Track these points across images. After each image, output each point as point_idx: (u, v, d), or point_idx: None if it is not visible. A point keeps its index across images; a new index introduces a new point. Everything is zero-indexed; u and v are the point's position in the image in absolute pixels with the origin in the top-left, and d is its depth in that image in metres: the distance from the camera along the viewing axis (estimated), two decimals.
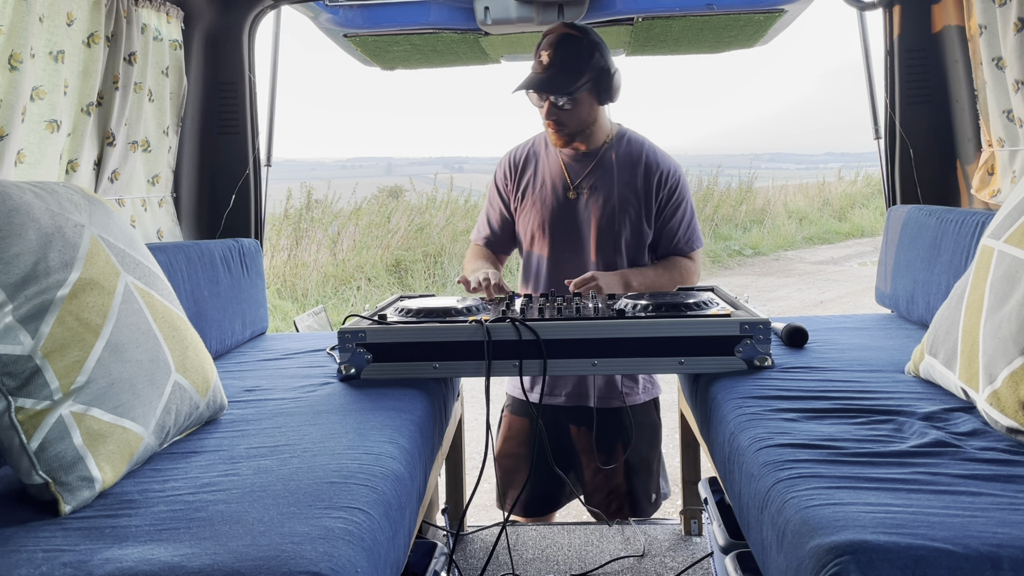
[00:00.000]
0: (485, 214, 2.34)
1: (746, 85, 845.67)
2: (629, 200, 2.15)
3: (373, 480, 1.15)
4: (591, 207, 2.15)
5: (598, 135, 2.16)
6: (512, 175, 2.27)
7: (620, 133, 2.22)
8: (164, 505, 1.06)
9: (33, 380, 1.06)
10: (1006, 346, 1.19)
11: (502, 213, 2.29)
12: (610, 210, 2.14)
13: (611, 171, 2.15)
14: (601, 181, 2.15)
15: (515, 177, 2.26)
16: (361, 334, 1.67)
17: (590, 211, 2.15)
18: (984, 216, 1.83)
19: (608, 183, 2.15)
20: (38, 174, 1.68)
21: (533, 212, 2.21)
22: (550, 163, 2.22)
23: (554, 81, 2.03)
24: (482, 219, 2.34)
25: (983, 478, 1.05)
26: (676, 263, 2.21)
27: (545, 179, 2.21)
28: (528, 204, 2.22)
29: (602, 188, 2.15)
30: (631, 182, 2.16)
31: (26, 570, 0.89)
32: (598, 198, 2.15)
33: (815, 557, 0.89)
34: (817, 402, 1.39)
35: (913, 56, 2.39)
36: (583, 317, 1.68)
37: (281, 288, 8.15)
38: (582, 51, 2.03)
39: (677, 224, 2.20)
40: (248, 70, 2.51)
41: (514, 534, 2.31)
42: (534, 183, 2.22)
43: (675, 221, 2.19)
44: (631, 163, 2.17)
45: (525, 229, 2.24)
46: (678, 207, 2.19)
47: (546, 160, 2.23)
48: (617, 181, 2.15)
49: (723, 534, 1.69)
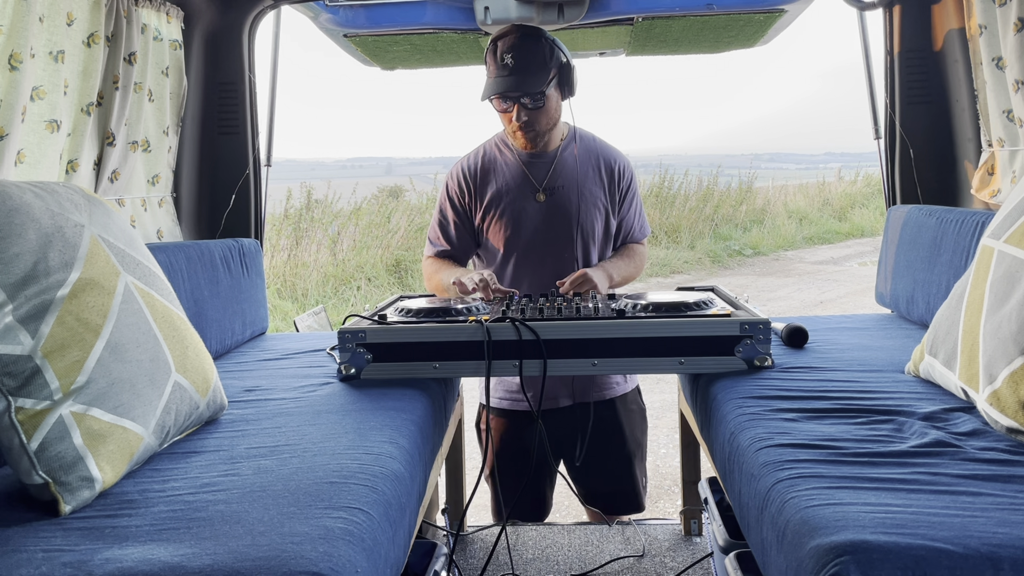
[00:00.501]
0: (437, 227, 2.26)
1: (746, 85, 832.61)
2: (596, 195, 2.19)
3: (373, 480, 1.15)
4: (562, 206, 2.15)
5: (557, 134, 2.19)
6: (470, 187, 2.21)
7: (572, 129, 2.25)
8: (164, 505, 1.06)
9: (33, 380, 1.06)
10: (1006, 346, 1.19)
11: (458, 224, 2.22)
12: (584, 206, 2.16)
13: (574, 169, 2.17)
14: (566, 180, 2.17)
15: (474, 189, 2.20)
16: (361, 334, 1.67)
17: (562, 210, 2.15)
18: (984, 216, 1.83)
19: (573, 181, 2.16)
20: (38, 174, 1.68)
21: (504, 221, 2.16)
22: (510, 169, 2.18)
23: (525, 82, 2.02)
24: (434, 232, 2.27)
25: (983, 478, 1.05)
26: (635, 250, 2.29)
27: (510, 185, 2.17)
28: (497, 214, 2.17)
29: (569, 187, 2.16)
30: (595, 177, 2.20)
31: (26, 570, 0.89)
32: (567, 197, 2.16)
33: (815, 557, 0.89)
34: (817, 402, 1.39)
35: (913, 56, 2.39)
36: (583, 317, 1.68)
37: (281, 288, 8.15)
38: (543, 48, 2.04)
39: (634, 214, 2.29)
40: (248, 70, 2.51)
41: (514, 534, 2.31)
42: (498, 191, 2.18)
43: (632, 211, 2.28)
44: (590, 159, 2.21)
45: (497, 238, 2.18)
46: (633, 197, 2.28)
47: (504, 167, 2.19)
48: (583, 178, 2.17)
49: (723, 534, 1.69)
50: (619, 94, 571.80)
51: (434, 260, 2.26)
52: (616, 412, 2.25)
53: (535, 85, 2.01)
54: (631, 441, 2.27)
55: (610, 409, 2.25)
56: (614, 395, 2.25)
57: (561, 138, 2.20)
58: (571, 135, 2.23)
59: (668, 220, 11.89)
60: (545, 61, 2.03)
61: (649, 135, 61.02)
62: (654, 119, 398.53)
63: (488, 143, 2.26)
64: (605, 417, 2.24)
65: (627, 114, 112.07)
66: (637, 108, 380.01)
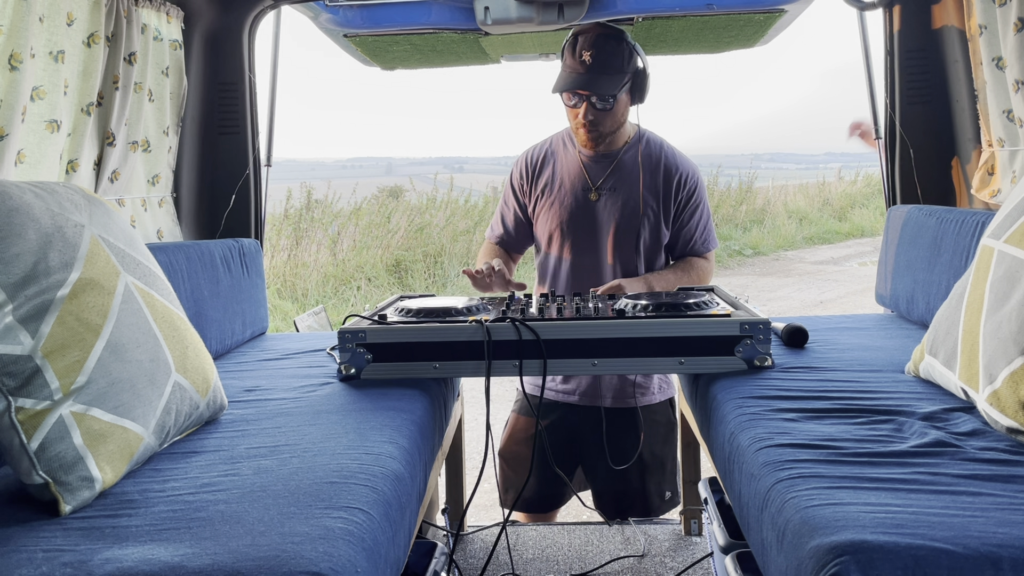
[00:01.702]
0: (500, 213, 2.35)
1: (746, 85, 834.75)
2: (648, 202, 2.15)
3: (373, 480, 1.15)
4: (610, 208, 2.15)
5: (621, 136, 2.17)
6: (529, 175, 2.27)
7: (640, 134, 2.22)
8: (164, 505, 1.06)
9: (33, 380, 1.06)
10: (1006, 346, 1.19)
11: (516, 213, 2.30)
12: (629, 211, 2.14)
13: (631, 172, 2.15)
14: (621, 183, 2.15)
15: (532, 178, 2.26)
16: (361, 334, 1.67)
17: (609, 212, 2.15)
18: (984, 216, 1.83)
19: (628, 184, 2.15)
20: (38, 174, 1.68)
21: (552, 213, 2.20)
22: (568, 164, 2.21)
23: (598, 81, 2.02)
24: (496, 218, 2.36)
25: (983, 478, 1.05)
26: (693, 264, 2.22)
27: (564, 180, 2.20)
28: (546, 205, 2.22)
29: (621, 189, 2.15)
30: (650, 184, 2.16)
31: (26, 570, 0.89)
32: (617, 199, 2.15)
33: (815, 557, 0.89)
34: (817, 402, 1.39)
35: (913, 56, 2.38)
36: (583, 317, 1.68)
37: (281, 288, 8.15)
38: (623, 51, 2.03)
39: (695, 226, 2.21)
40: (248, 70, 2.51)
41: (514, 534, 2.31)
42: (552, 184, 2.21)
43: (693, 223, 2.21)
44: (650, 165, 2.17)
45: (543, 230, 2.24)
46: (696, 209, 2.20)
47: (564, 161, 2.22)
48: (637, 183, 2.14)
49: (723, 534, 1.69)
50: None
51: (486, 244, 2.34)
52: (638, 422, 2.23)
53: (609, 87, 2.01)
54: (647, 454, 2.25)
55: (634, 418, 2.23)
56: (641, 404, 2.23)
57: (626, 140, 2.19)
58: (636, 138, 2.20)
59: None
60: (622, 64, 2.02)
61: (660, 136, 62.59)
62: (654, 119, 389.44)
63: (556, 136, 2.28)
64: (628, 426, 2.24)
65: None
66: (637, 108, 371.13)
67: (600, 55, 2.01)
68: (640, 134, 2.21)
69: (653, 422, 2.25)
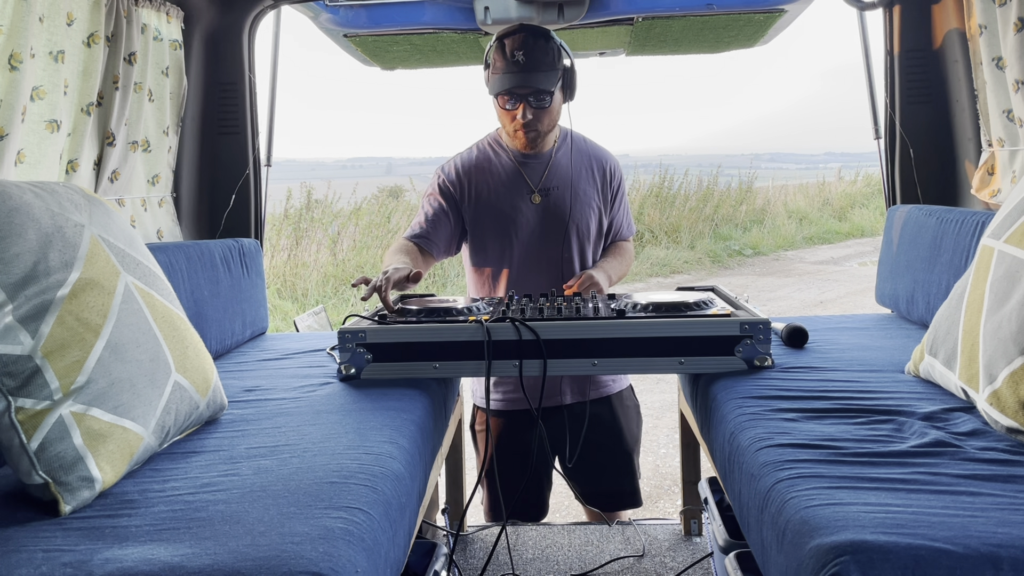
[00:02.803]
0: (421, 216, 2.19)
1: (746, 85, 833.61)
2: (590, 195, 2.20)
3: (373, 480, 1.15)
4: (558, 207, 2.15)
5: (551, 136, 2.19)
6: (463, 183, 2.17)
7: (564, 131, 2.25)
8: (164, 505, 1.06)
9: (33, 380, 1.06)
10: (1006, 346, 1.19)
11: (441, 217, 2.18)
12: (579, 207, 2.16)
13: (566, 171, 2.17)
14: (562, 180, 2.17)
15: (468, 186, 2.17)
16: (361, 334, 1.67)
17: (558, 211, 2.15)
18: (984, 216, 1.83)
19: (566, 182, 2.17)
20: (38, 174, 1.68)
21: (494, 220, 2.14)
22: (504, 169, 2.17)
23: (536, 79, 2.01)
24: (417, 220, 2.20)
25: (983, 478, 1.05)
26: (623, 248, 2.31)
27: (505, 185, 2.15)
28: (486, 214, 2.15)
29: (563, 188, 2.17)
30: (588, 177, 2.21)
31: (26, 570, 0.89)
32: (562, 197, 2.16)
33: (815, 557, 0.89)
34: (817, 402, 1.39)
35: (913, 56, 2.39)
36: (583, 317, 1.68)
37: (281, 288, 8.15)
38: (553, 49, 2.04)
39: (623, 213, 2.31)
40: (248, 70, 2.51)
41: (514, 534, 2.31)
42: (493, 191, 2.16)
43: (621, 210, 2.30)
44: (582, 159, 2.22)
45: (484, 238, 2.16)
46: (622, 197, 2.30)
47: (498, 166, 2.17)
48: (576, 178, 2.17)
49: (723, 534, 1.69)
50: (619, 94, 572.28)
51: (398, 241, 2.18)
52: (613, 409, 2.26)
53: (546, 83, 2.01)
54: (629, 437, 2.28)
55: (607, 407, 2.25)
56: (610, 392, 2.26)
57: (555, 140, 2.21)
58: (563, 136, 2.23)
59: (668, 220, 11.89)
60: (554, 61, 2.03)
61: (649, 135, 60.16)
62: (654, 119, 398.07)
63: (481, 143, 2.24)
64: (604, 415, 2.24)
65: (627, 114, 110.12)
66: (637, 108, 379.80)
67: (532, 54, 2.00)
68: (565, 131, 2.25)
69: (625, 408, 2.29)
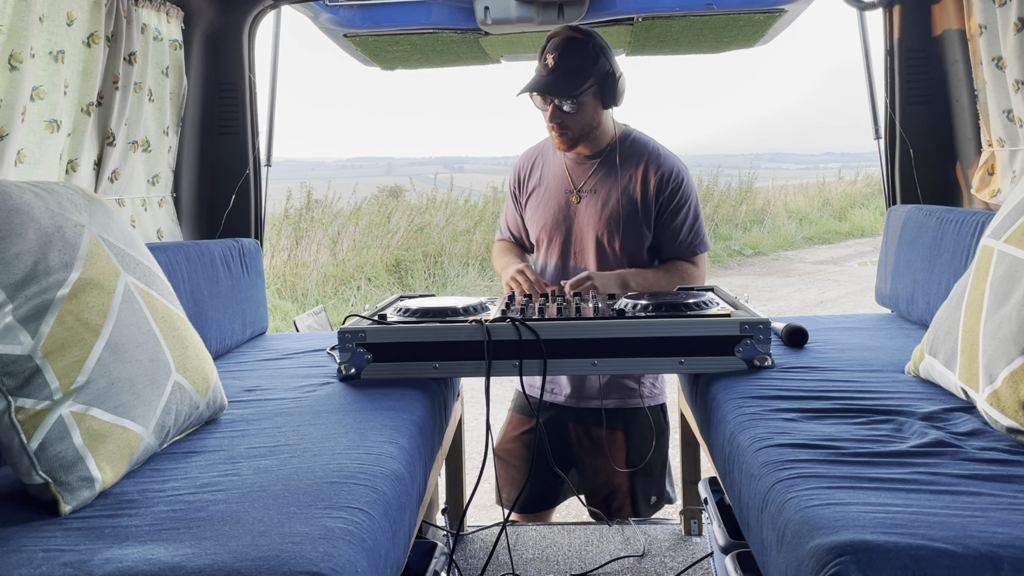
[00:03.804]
0: (504, 214, 2.43)
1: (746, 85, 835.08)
2: (628, 203, 2.13)
3: (373, 480, 1.15)
4: (591, 211, 2.15)
5: (601, 138, 2.16)
6: (521, 178, 2.32)
7: (625, 134, 2.20)
8: (164, 505, 1.06)
9: (33, 380, 1.06)
10: (1006, 346, 1.19)
11: (515, 215, 2.36)
12: (608, 214, 2.14)
13: (612, 174, 2.15)
14: (601, 184, 2.16)
15: (524, 180, 2.31)
16: (361, 334, 1.67)
17: (590, 215, 2.15)
18: (984, 216, 1.83)
19: (607, 186, 2.15)
20: (38, 174, 1.68)
21: (537, 215, 2.24)
22: (555, 166, 2.23)
23: (559, 84, 2.03)
24: (502, 220, 2.44)
25: (983, 478, 1.05)
26: (677, 267, 2.17)
27: (549, 182, 2.23)
28: (534, 208, 2.26)
29: (601, 191, 2.15)
30: (630, 184, 2.14)
31: (26, 570, 0.89)
32: (597, 201, 2.15)
33: (815, 557, 0.89)
34: (817, 402, 1.39)
35: (913, 56, 2.38)
36: (583, 317, 1.68)
37: (281, 288, 8.15)
38: (587, 54, 2.03)
39: (679, 227, 2.15)
40: (248, 70, 2.51)
41: (514, 534, 2.31)
42: (539, 186, 2.25)
43: (676, 224, 2.15)
44: (632, 165, 2.16)
45: (532, 233, 2.28)
46: (680, 209, 2.14)
47: (552, 163, 2.25)
48: (617, 183, 2.14)
49: (723, 534, 1.69)
50: None
51: (498, 244, 2.42)
52: (626, 423, 2.23)
53: (569, 89, 2.02)
54: (633, 455, 2.24)
55: (621, 420, 2.23)
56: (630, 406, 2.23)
57: (609, 142, 2.17)
58: (622, 138, 2.19)
59: None
60: (585, 67, 2.02)
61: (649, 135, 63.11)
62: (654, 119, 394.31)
63: (547, 138, 2.30)
64: (616, 426, 2.23)
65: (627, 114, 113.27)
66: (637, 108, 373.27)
67: (562, 58, 2.02)
68: (626, 134, 2.20)
69: (639, 425, 2.23)
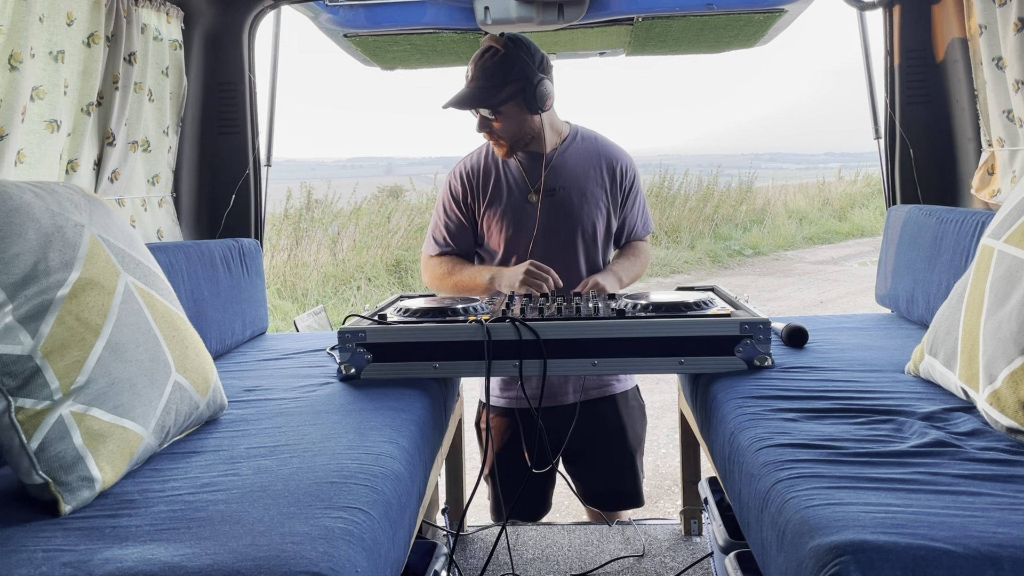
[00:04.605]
0: (442, 227, 2.24)
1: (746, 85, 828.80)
2: (598, 195, 2.19)
3: (373, 480, 1.15)
4: (564, 207, 2.15)
5: (549, 139, 2.16)
6: (472, 185, 2.21)
7: (573, 131, 2.24)
8: (164, 505, 1.06)
9: (33, 380, 1.06)
10: (1006, 346, 1.19)
11: (460, 225, 2.22)
12: (586, 207, 2.16)
13: (574, 170, 2.17)
14: (565, 181, 2.16)
15: (476, 187, 2.21)
16: (361, 334, 1.67)
17: (563, 211, 2.15)
18: (984, 216, 1.83)
19: (576, 182, 2.16)
20: (38, 174, 1.68)
21: (504, 221, 2.17)
22: (509, 169, 2.20)
23: (474, 96, 2.04)
24: (439, 232, 2.25)
25: (983, 478, 1.05)
26: (638, 248, 2.30)
27: (510, 185, 2.18)
28: (496, 213, 2.18)
29: (568, 188, 2.16)
30: (595, 177, 2.19)
31: (26, 570, 0.89)
32: (568, 197, 2.16)
33: (815, 557, 0.89)
34: (817, 402, 1.39)
35: (913, 56, 2.39)
36: (583, 317, 1.68)
37: (281, 288, 8.15)
38: (501, 64, 2.03)
39: (637, 212, 2.30)
40: (248, 70, 2.51)
41: (514, 534, 2.31)
42: (498, 191, 2.18)
43: (635, 211, 2.29)
44: (590, 159, 2.20)
45: (496, 239, 2.19)
46: (636, 195, 2.28)
47: (505, 167, 2.20)
48: (582, 179, 2.17)
49: (723, 534, 1.69)
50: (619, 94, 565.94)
51: (441, 260, 2.24)
52: (618, 409, 2.25)
53: (484, 100, 2.04)
54: (632, 437, 2.28)
55: (612, 406, 2.25)
56: (615, 392, 2.25)
57: (560, 140, 2.20)
58: (571, 136, 2.22)
59: (668, 220, 11.89)
60: (500, 77, 2.02)
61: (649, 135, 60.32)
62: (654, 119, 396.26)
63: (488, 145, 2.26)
64: (608, 414, 2.24)
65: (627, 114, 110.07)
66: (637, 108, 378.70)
67: (479, 69, 2.05)
68: (574, 131, 2.24)
69: (630, 407, 2.29)
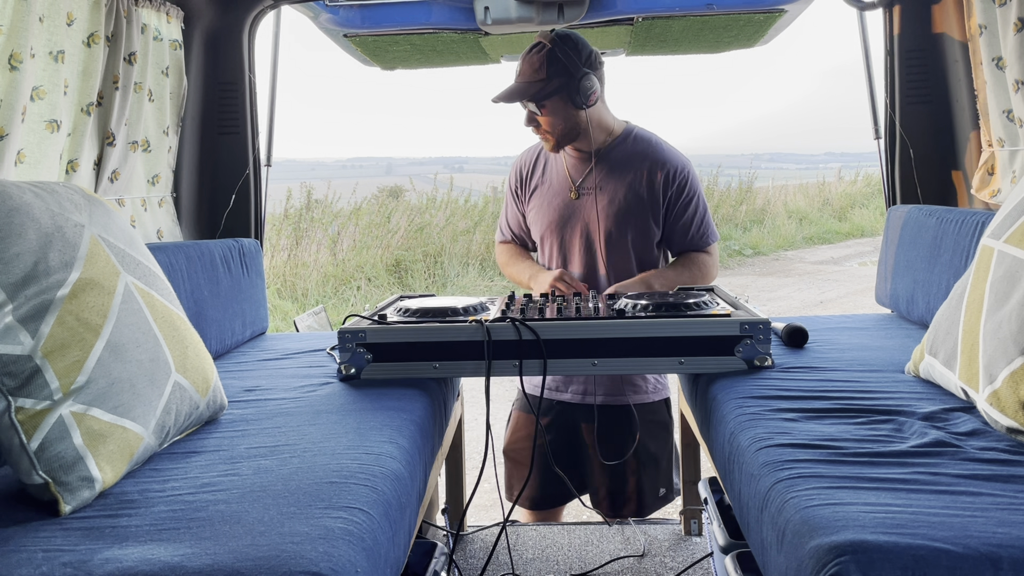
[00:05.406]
0: (504, 216, 2.42)
1: (746, 85, 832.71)
2: (635, 199, 2.14)
3: (373, 480, 1.15)
4: (596, 207, 2.15)
5: (597, 135, 2.15)
6: (522, 178, 2.33)
7: (627, 131, 2.21)
8: (164, 505, 1.06)
9: (33, 380, 1.06)
10: (1006, 346, 1.19)
11: (516, 215, 2.36)
12: (615, 210, 2.14)
13: (615, 170, 2.16)
14: (604, 181, 2.16)
15: (526, 179, 2.32)
16: (361, 334, 1.67)
17: (595, 211, 2.15)
18: (984, 216, 1.83)
19: (613, 183, 2.15)
20: (38, 174, 1.68)
21: (541, 214, 2.25)
22: (557, 164, 2.26)
23: (519, 90, 2.08)
24: (502, 220, 2.43)
25: (983, 478, 1.05)
26: (693, 259, 2.21)
27: (552, 180, 2.24)
28: (536, 206, 2.27)
29: (606, 188, 2.15)
30: (636, 181, 2.15)
31: (26, 570, 0.89)
32: (603, 198, 2.15)
33: (815, 557, 0.89)
34: (817, 402, 1.39)
35: (913, 56, 2.38)
36: (583, 317, 1.68)
37: (281, 288, 8.15)
38: (547, 60, 2.05)
39: (689, 220, 2.18)
40: (248, 70, 2.51)
41: (514, 534, 2.31)
42: (542, 185, 2.26)
43: (687, 217, 2.18)
44: (636, 161, 2.16)
45: (536, 231, 2.29)
46: (689, 203, 2.17)
47: (554, 161, 2.27)
48: (622, 180, 2.15)
49: (723, 534, 1.69)
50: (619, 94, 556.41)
51: (504, 247, 2.42)
52: (631, 417, 2.23)
53: (527, 95, 2.07)
54: (640, 448, 2.25)
55: (625, 413, 2.23)
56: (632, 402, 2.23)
57: (610, 138, 2.19)
58: (624, 135, 2.20)
59: None
60: (544, 72, 2.05)
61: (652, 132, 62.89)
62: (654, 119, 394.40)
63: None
64: (615, 420, 2.23)
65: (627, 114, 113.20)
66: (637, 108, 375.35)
67: (526, 64, 2.09)
68: (628, 131, 2.21)
69: (647, 421, 2.25)
